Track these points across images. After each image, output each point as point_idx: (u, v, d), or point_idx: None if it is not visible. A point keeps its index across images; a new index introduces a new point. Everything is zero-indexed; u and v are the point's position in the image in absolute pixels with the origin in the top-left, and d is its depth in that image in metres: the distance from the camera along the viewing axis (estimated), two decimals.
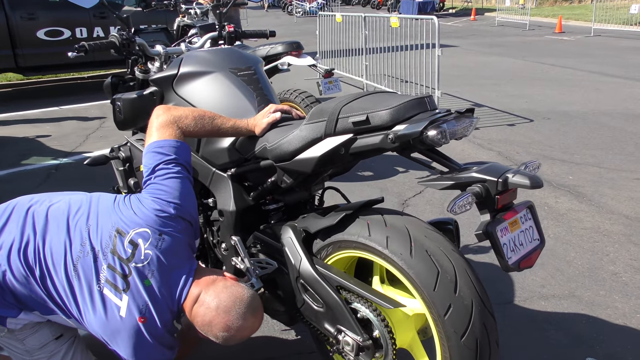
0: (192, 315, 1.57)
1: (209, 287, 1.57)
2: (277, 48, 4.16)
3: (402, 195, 3.92)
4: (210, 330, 1.55)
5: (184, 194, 1.62)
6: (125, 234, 1.55)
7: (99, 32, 7.53)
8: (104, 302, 1.52)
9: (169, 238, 1.56)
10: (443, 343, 1.46)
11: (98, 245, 1.55)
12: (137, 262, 1.52)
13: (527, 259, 1.47)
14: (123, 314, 1.51)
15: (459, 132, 1.46)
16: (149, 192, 1.62)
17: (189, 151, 1.73)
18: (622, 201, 3.73)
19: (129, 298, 1.51)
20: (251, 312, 1.57)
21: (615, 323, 2.41)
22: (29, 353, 1.66)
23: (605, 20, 16.02)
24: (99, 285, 1.52)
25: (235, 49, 2.22)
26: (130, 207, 1.60)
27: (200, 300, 1.56)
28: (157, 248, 1.53)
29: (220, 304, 1.54)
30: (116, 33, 2.41)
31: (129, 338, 1.52)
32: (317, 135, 1.61)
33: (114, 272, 1.52)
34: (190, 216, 1.63)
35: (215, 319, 1.53)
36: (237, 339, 1.57)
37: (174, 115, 1.72)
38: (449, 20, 20.28)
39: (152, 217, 1.56)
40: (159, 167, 1.63)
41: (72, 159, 4.89)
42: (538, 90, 7.54)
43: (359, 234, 1.57)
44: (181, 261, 1.59)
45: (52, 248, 1.56)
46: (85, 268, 1.53)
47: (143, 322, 1.51)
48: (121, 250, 1.53)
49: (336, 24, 8.31)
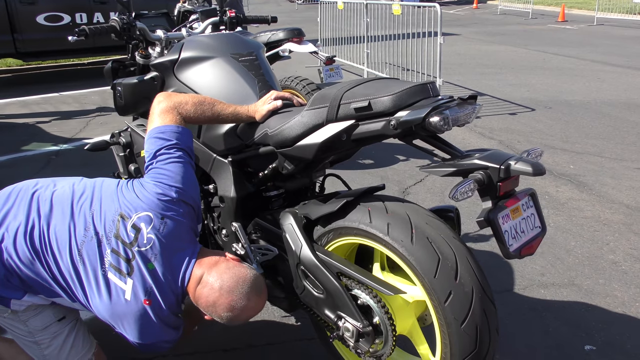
0: (195, 297, 1.58)
1: (211, 269, 1.58)
2: (278, 35, 4.13)
3: (403, 183, 3.92)
4: (215, 310, 1.56)
5: (186, 178, 1.63)
6: (128, 218, 1.56)
7: (99, 17, 7.47)
8: (108, 286, 1.54)
9: (172, 222, 1.57)
10: (443, 330, 1.46)
11: (102, 230, 1.56)
12: (140, 246, 1.53)
13: (528, 246, 1.46)
14: (128, 297, 1.52)
15: (462, 118, 1.45)
16: (150, 176, 1.63)
17: (190, 136, 1.73)
18: (622, 190, 3.73)
19: (133, 281, 1.52)
20: (255, 292, 1.57)
21: (615, 311, 2.42)
22: (32, 334, 1.67)
23: (609, 9, 15.91)
24: (103, 270, 1.54)
25: (237, 34, 2.20)
26: (133, 191, 1.60)
27: (204, 281, 1.56)
28: (159, 232, 1.54)
29: (223, 284, 1.54)
30: (117, 17, 2.39)
31: (135, 321, 1.54)
32: (319, 121, 1.60)
33: (118, 256, 1.53)
34: (193, 200, 1.64)
35: (219, 300, 1.53)
36: (241, 318, 1.58)
37: (174, 101, 1.73)
38: (451, 8, 20.13)
39: (155, 201, 1.57)
40: (160, 152, 1.64)
41: (72, 145, 4.88)
42: (540, 79, 7.50)
43: (360, 220, 1.57)
44: (184, 244, 1.60)
45: (57, 232, 1.57)
46: (89, 253, 1.55)
47: (148, 304, 1.53)
48: (124, 234, 1.54)
49: (338, 11, 8.25)
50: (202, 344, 2.23)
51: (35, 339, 1.68)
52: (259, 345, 2.21)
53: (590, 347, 2.19)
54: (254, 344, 2.23)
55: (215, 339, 2.25)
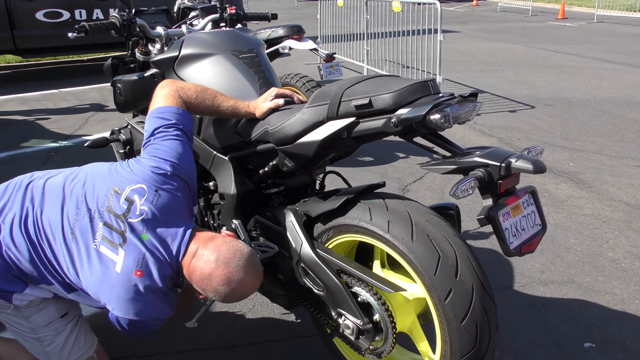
0: (190, 270, 1.53)
1: (207, 242, 1.54)
2: (278, 32, 4.12)
3: (403, 180, 3.92)
4: (210, 283, 1.50)
5: (182, 156, 1.63)
6: (121, 191, 1.54)
7: (99, 14, 7.45)
8: (100, 259, 1.51)
9: (166, 194, 1.55)
10: (443, 327, 1.47)
11: (94, 206, 1.54)
12: (132, 217, 1.51)
13: (528, 244, 1.47)
14: (119, 269, 1.49)
15: (462, 116, 1.45)
16: (146, 152, 1.63)
17: (190, 120, 1.74)
18: (622, 188, 3.73)
19: (125, 252, 1.49)
20: (252, 266, 1.53)
21: (614, 309, 2.42)
22: (34, 330, 1.67)
23: (609, 6, 15.90)
24: (95, 244, 1.52)
25: (237, 31, 2.20)
26: (128, 167, 1.60)
27: (199, 254, 1.52)
28: (152, 204, 1.52)
29: (220, 256, 1.50)
30: (117, 14, 2.39)
31: (125, 292, 1.49)
32: (319, 118, 1.60)
33: (110, 229, 1.51)
34: (188, 177, 1.63)
35: (215, 271, 1.49)
36: (237, 293, 1.53)
37: (177, 85, 1.77)
38: (451, 5, 20.11)
39: (149, 174, 1.56)
40: (158, 130, 1.65)
41: (71, 142, 4.87)
42: (540, 77, 7.50)
43: (360, 218, 1.57)
44: (178, 219, 1.56)
45: (49, 217, 1.56)
46: (82, 230, 1.53)
47: (139, 275, 1.49)
48: (117, 207, 1.52)
49: (338, 8, 8.23)
50: (202, 341, 2.23)
51: (38, 335, 1.67)
52: (259, 343, 2.21)
53: (590, 345, 2.19)
54: (254, 341, 2.23)
55: (216, 337, 2.25)
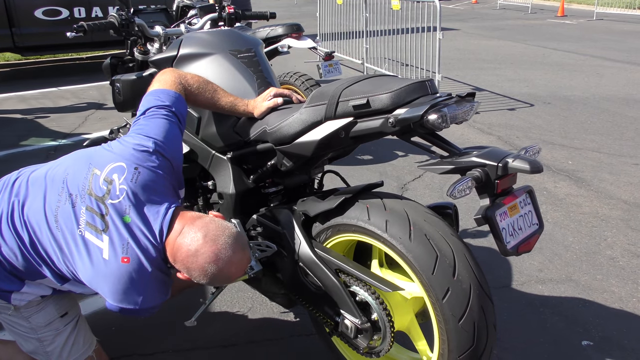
0: (174, 249, 1.45)
1: (195, 220, 1.47)
2: (277, 30, 4.12)
3: (402, 179, 3.92)
4: (196, 261, 1.41)
5: (168, 135, 1.57)
6: (100, 172, 1.49)
7: (98, 12, 7.44)
8: (87, 247, 1.45)
9: (146, 171, 1.49)
10: (441, 326, 1.47)
11: (75, 190, 1.49)
12: (113, 198, 1.45)
13: (525, 243, 1.47)
14: (106, 256, 1.43)
15: (460, 116, 1.45)
16: (132, 129, 1.59)
17: (185, 106, 1.70)
18: (620, 186, 3.74)
19: (109, 238, 1.43)
20: (240, 246, 1.47)
21: (612, 307, 2.43)
22: (34, 331, 1.66)
23: (608, 3, 15.88)
24: (80, 231, 1.46)
25: (235, 31, 2.20)
26: (108, 147, 1.56)
27: (185, 231, 1.45)
28: (132, 182, 1.46)
29: (208, 232, 1.43)
30: (115, 13, 2.39)
31: (116, 281, 1.44)
32: (318, 118, 1.61)
33: (93, 213, 1.45)
34: (172, 157, 1.57)
35: (203, 248, 1.41)
36: (224, 274, 1.45)
37: (179, 73, 1.76)
38: (451, 3, 20.08)
39: (129, 151, 1.51)
40: (150, 109, 1.61)
41: (71, 140, 4.87)
42: (539, 75, 7.50)
43: (358, 217, 1.58)
44: (160, 197, 1.49)
45: (32, 208, 1.52)
46: (64, 216, 1.48)
47: (126, 262, 1.43)
48: (97, 189, 1.47)
49: (337, 6, 8.22)
50: (201, 340, 2.24)
51: (39, 335, 1.67)
52: (259, 341, 2.22)
53: (588, 343, 2.20)
54: (254, 340, 2.23)
55: (214, 335, 2.26)
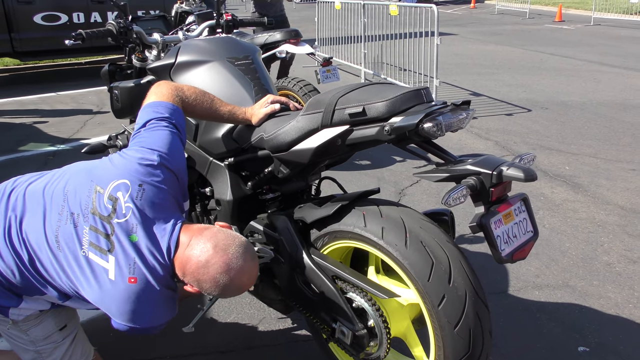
0: (183, 262, 1.41)
1: (202, 231, 1.44)
2: (275, 36, 4.15)
3: (399, 184, 3.93)
4: (207, 272, 1.38)
5: (171, 147, 1.54)
6: (103, 190, 1.44)
7: (96, 17, 7.47)
8: (91, 268, 1.41)
9: (150, 188, 1.44)
10: (437, 332, 1.48)
11: (77, 209, 1.44)
12: (119, 217, 1.40)
13: (520, 250, 1.48)
14: (112, 277, 1.39)
15: (455, 124, 1.46)
16: (134, 142, 1.55)
17: (183, 118, 1.69)
18: (617, 192, 3.75)
19: (115, 258, 1.39)
20: (250, 255, 1.44)
21: (608, 313, 2.44)
22: (34, 344, 1.65)
23: (606, 9, 15.94)
24: (83, 251, 1.42)
25: (233, 38, 2.21)
26: (110, 162, 1.51)
27: (193, 243, 1.41)
28: (138, 199, 1.42)
29: (218, 242, 1.40)
30: (113, 21, 2.41)
31: (123, 303, 1.40)
32: (314, 126, 1.62)
33: (97, 233, 1.41)
34: (176, 168, 1.53)
35: (213, 258, 1.38)
36: (235, 284, 1.41)
37: (175, 85, 1.74)
38: (449, 8, 20.15)
39: (134, 167, 1.46)
40: (150, 121, 1.59)
41: (69, 146, 4.88)
42: (536, 80, 7.52)
43: (354, 224, 1.59)
44: (166, 213, 1.46)
45: (31, 226, 1.48)
46: (66, 237, 1.43)
47: (134, 282, 1.39)
48: (102, 208, 1.42)
49: (335, 11, 8.26)
50: (199, 346, 2.24)
51: (37, 348, 1.66)
52: (256, 347, 2.23)
53: (584, 349, 2.21)
54: (251, 345, 2.24)
55: (213, 341, 2.27)
